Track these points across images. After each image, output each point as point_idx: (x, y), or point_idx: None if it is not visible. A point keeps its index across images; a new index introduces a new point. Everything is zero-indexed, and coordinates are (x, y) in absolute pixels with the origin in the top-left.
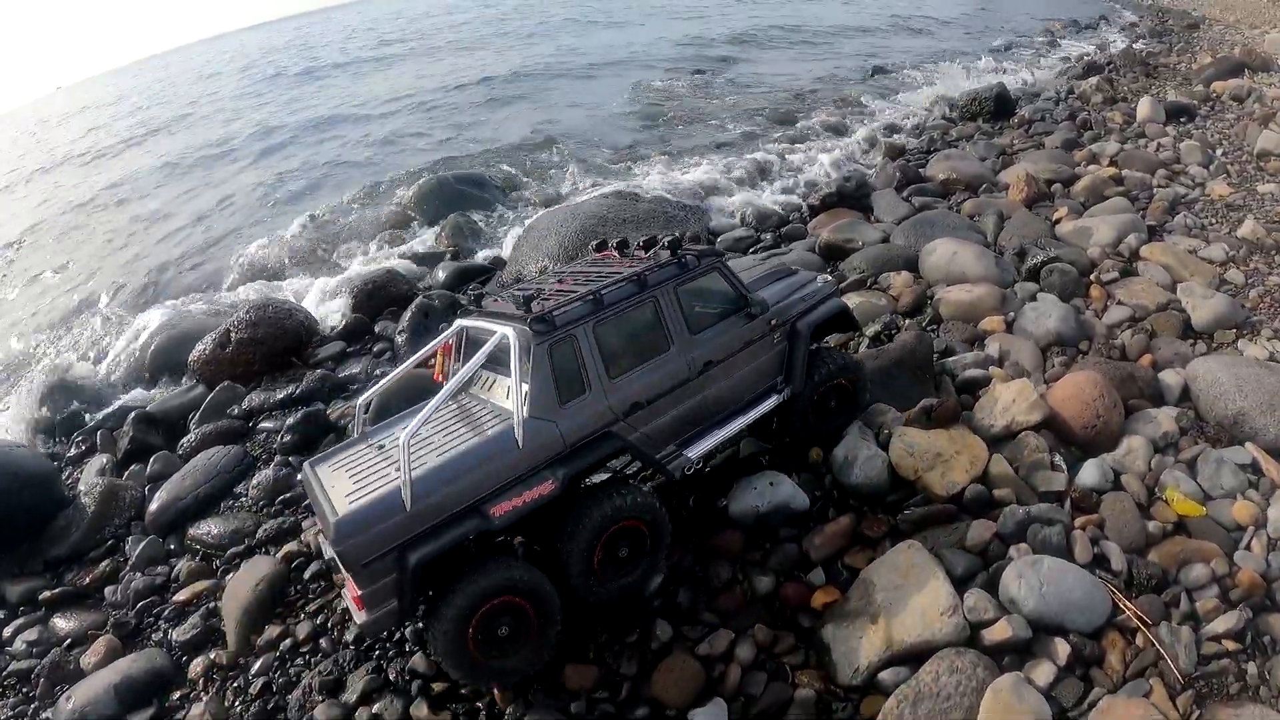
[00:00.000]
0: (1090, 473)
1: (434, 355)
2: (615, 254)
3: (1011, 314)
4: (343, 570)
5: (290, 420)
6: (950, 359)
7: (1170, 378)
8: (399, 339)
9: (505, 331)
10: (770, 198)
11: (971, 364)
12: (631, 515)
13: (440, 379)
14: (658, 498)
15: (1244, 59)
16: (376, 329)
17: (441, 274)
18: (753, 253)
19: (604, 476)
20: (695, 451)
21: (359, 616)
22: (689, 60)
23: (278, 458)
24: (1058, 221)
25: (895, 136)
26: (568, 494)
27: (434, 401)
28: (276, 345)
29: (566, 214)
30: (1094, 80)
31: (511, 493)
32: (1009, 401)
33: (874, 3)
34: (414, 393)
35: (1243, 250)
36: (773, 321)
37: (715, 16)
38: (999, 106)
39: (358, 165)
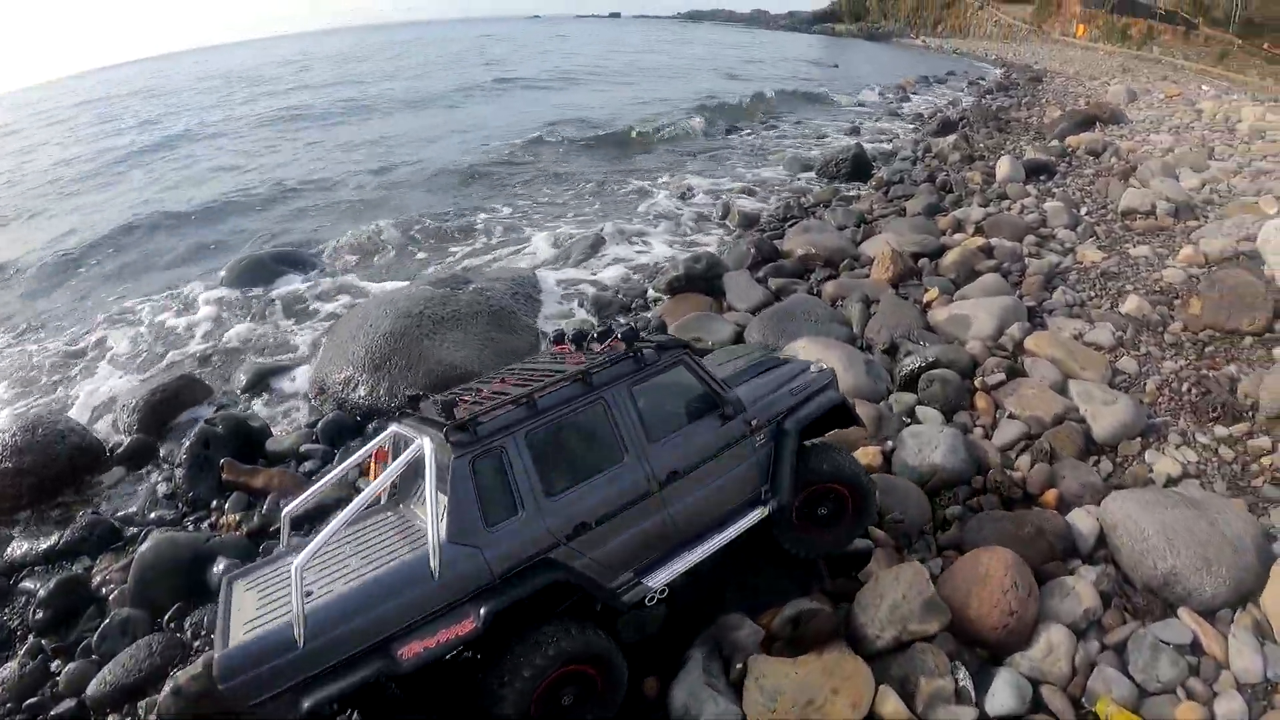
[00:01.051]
0: (1003, 696)
1: (369, 463)
2: (571, 348)
3: (890, 442)
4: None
5: (42, 590)
6: None
7: (1083, 522)
8: (178, 474)
9: (421, 441)
10: (612, 274)
11: None
12: (578, 659)
13: (371, 478)
14: (609, 638)
15: (1094, 112)
16: (163, 451)
17: (244, 377)
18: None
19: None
20: (657, 580)
21: None
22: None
23: (31, 640)
24: (929, 306)
25: (748, 202)
26: (498, 630)
27: (334, 524)
28: (46, 474)
29: (377, 311)
30: (950, 139)
31: (424, 631)
32: (898, 599)
33: (724, 65)
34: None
35: (1129, 329)
36: (753, 422)
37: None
38: (856, 168)
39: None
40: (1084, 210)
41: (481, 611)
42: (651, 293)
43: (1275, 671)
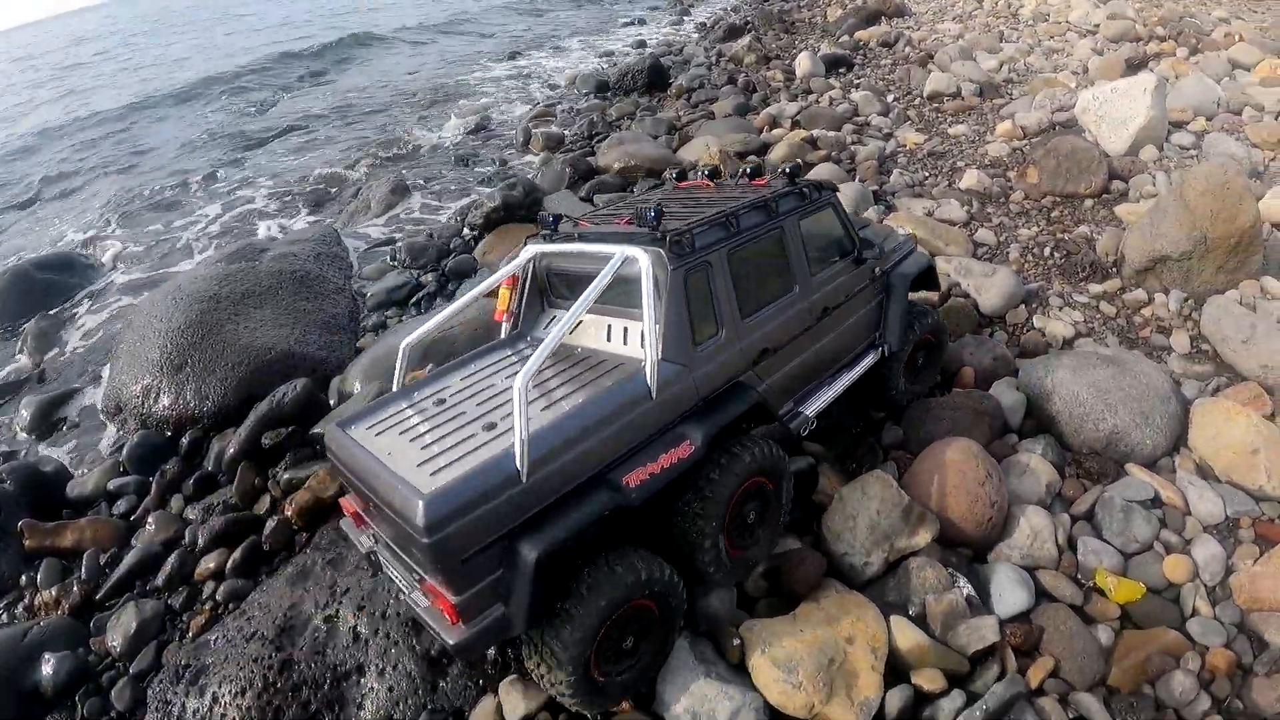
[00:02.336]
0: (1011, 594)
1: (500, 288)
2: (708, 184)
3: None
4: (427, 569)
5: None
6: None
7: (1008, 396)
8: None
9: (632, 253)
10: (421, 218)
11: None
12: (763, 471)
13: (502, 317)
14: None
15: (879, 6)
16: None
17: (25, 415)
18: (414, 303)
19: None
20: (811, 409)
21: (450, 634)
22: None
23: None
24: None
25: (549, 126)
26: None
27: (551, 339)
28: None
29: (166, 302)
30: (743, 41)
31: (644, 456)
32: (873, 516)
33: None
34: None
35: (974, 204)
36: (876, 270)
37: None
38: (653, 78)
39: None
40: (891, 98)
41: (699, 433)
42: (468, 232)
43: (1234, 509)
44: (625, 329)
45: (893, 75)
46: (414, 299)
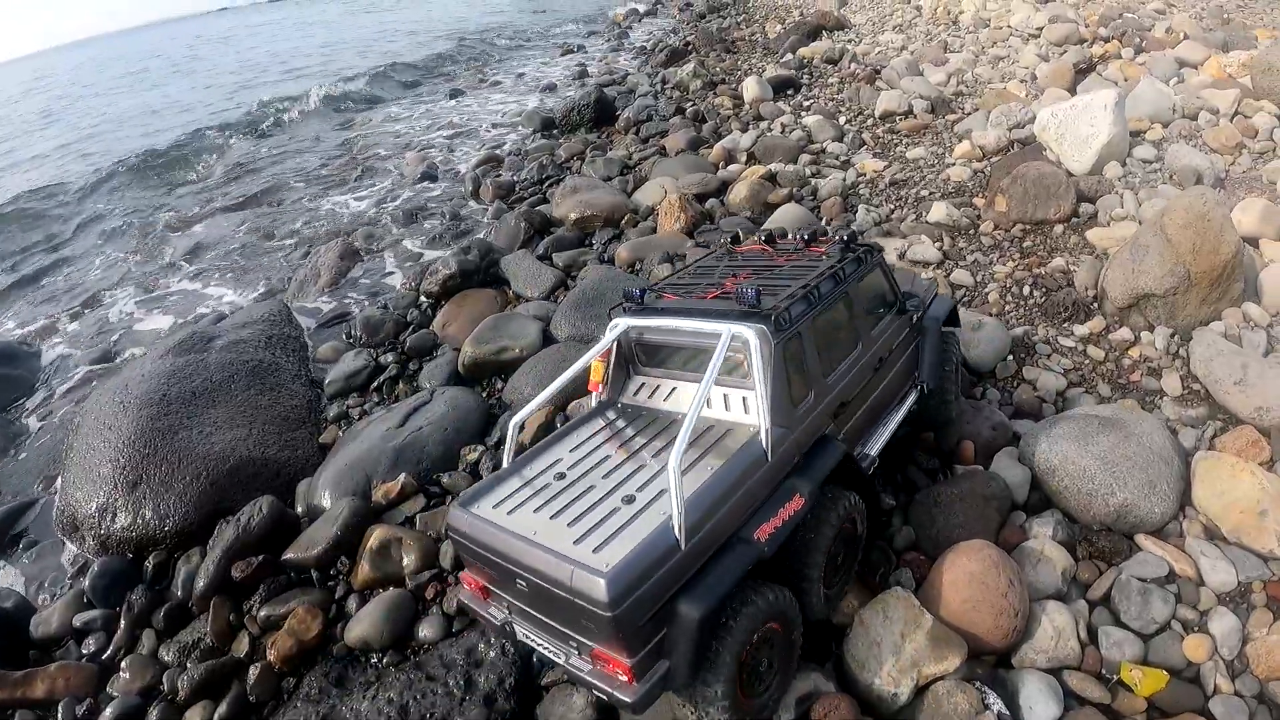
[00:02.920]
0: (1042, 705)
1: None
2: (767, 248)
3: None
4: (604, 639)
5: None
6: None
7: (1012, 472)
8: None
9: (738, 331)
10: (375, 287)
11: None
12: (850, 517)
13: (598, 388)
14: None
15: (818, 21)
16: None
17: None
18: (376, 388)
19: None
20: (874, 449)
21: (625, 693)
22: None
23: None
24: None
25: (498, 172)
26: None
27: (691, 415)
28: None
29: (112, 408)
30: (687, 67)
31: (766, 513)
32: (897, 640)
33: (429, 26)
34: None
35: (945, 239)
36: (914, 318)
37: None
38: (600, 112)
39: None
40: (844, 120)
41: (806, 487)
42: (425, 300)
43: (1245, 574)
44: (725, 396)
45: (841, 95)
46: (375, 383)
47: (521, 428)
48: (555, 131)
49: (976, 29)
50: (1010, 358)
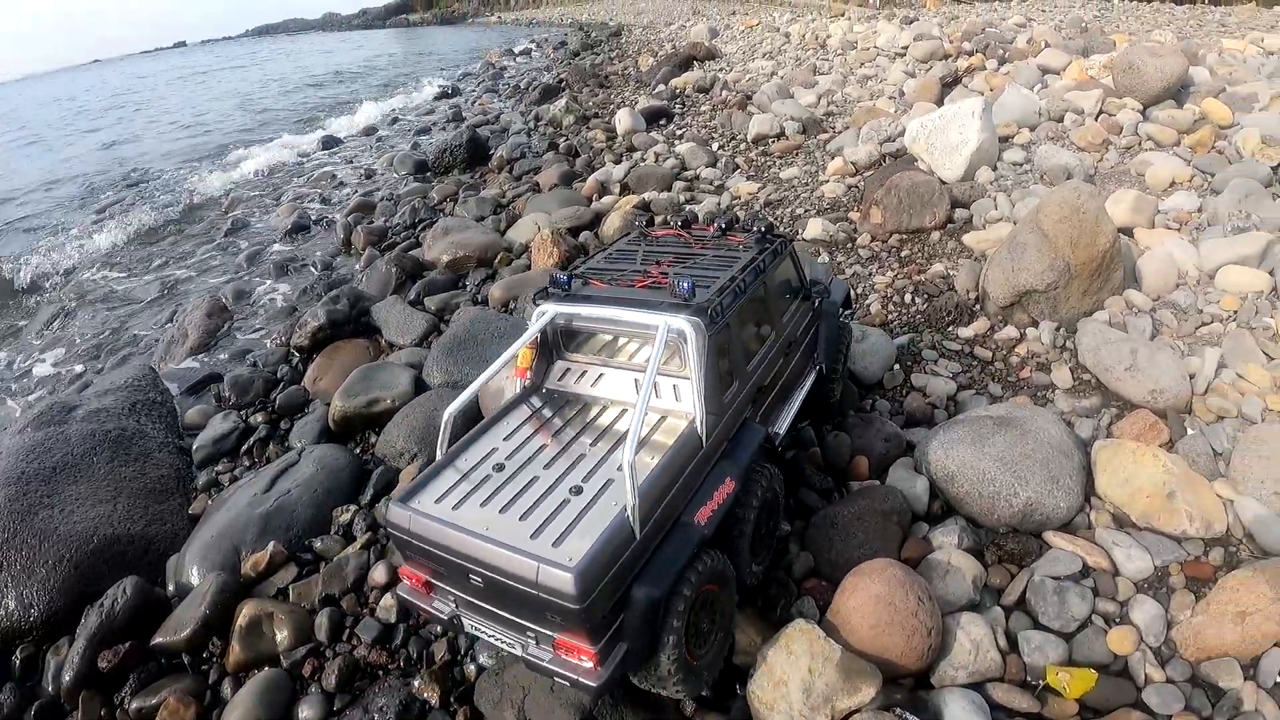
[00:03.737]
0: None
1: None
2: (683, 234)
3: None
4: (569, 628)
5: None
6: None
7: (908, 483)
8: None
9: (675, 323)
10: (241, 343)
11: None
12: (771, 489)
13: (525, 375)
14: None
15: (690, 52)
16: None
17: None
18: (246, 451)
19: None
20: (782, 427)
21: (590, 678)
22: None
23: None
24: None
25: (370, 219)
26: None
27: (640, 409)
28: None
29: None
30: (560, 103)
31: (703, 497)
32: (805, 676)
33: (304, 76)
34: None
35: (823, 255)
36: (816, 303)
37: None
38: (473, 152)
39: None
40: (716, 146)
41: (735, 471)
42: (295, 355)
43: (1161, 558)
44: (655, 384)
45: (714, 121)
46: (245, 446)
47: (454, 420)
48: (429, 174)
49: (844, 51)
50: (897, 367)
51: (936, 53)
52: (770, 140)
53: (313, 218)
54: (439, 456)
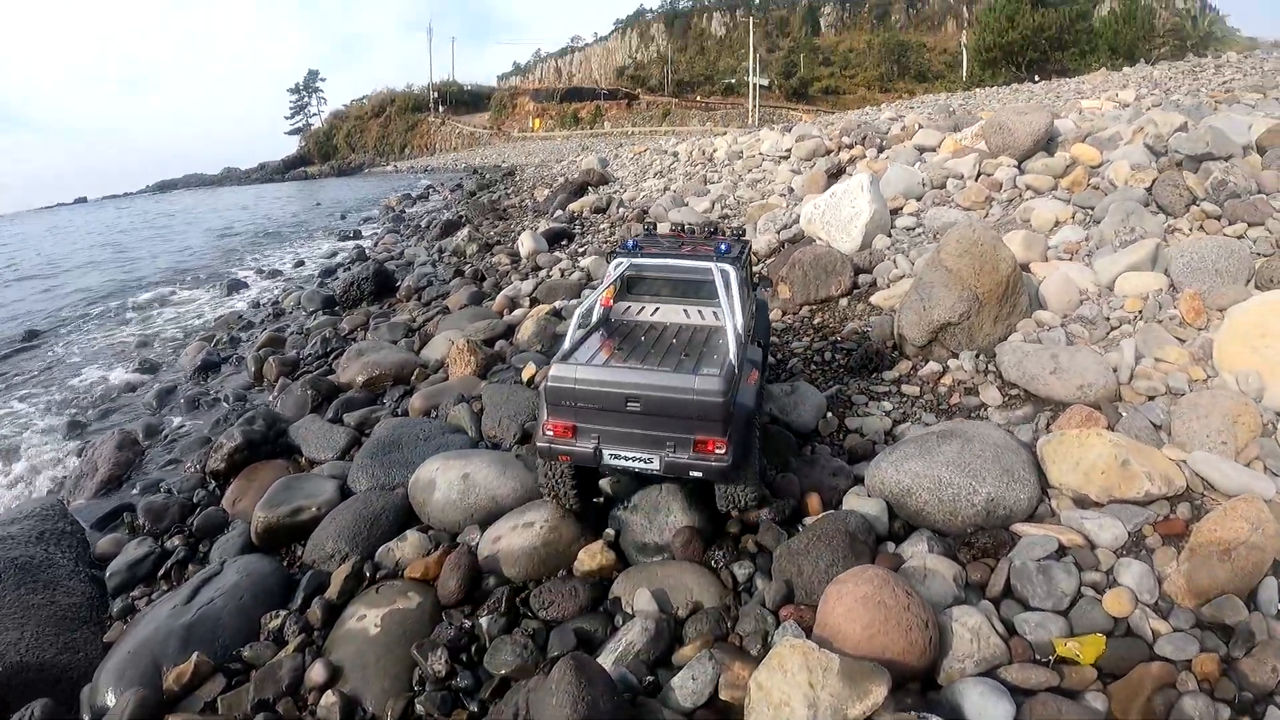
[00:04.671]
0: (994, 709)
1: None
2: (682, 234)
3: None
4: (708, 428)
5: None
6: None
7: (868, 506)
8: None
9: (721, 266)
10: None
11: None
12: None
13: (609, 303)
14: None
15: (584, 179)
16: None
17: None
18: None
19: None
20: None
21: (720, 461)
22: None
23: None
24: (530, 380)
25: (281, 351)
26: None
27: (726, 305)
28: None
29: None
30: (463, 233)
31: (745, 373)
32: (808, 691)
33: (211, 226)
34: None
35: None
36: (758, 292)
37: None
38: (380, 284)
39: None
40: None
41: (759, 358)
42: (212, 480)
43: (1132, 523)
44: (700, 310)
45: (614, 236)
46: (163, 570)
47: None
48: (337, 308)
49: (731, 161)
50: (830, 414)
51: (819, 150)
52: None
53: (222, 355)
54: (565, 346)
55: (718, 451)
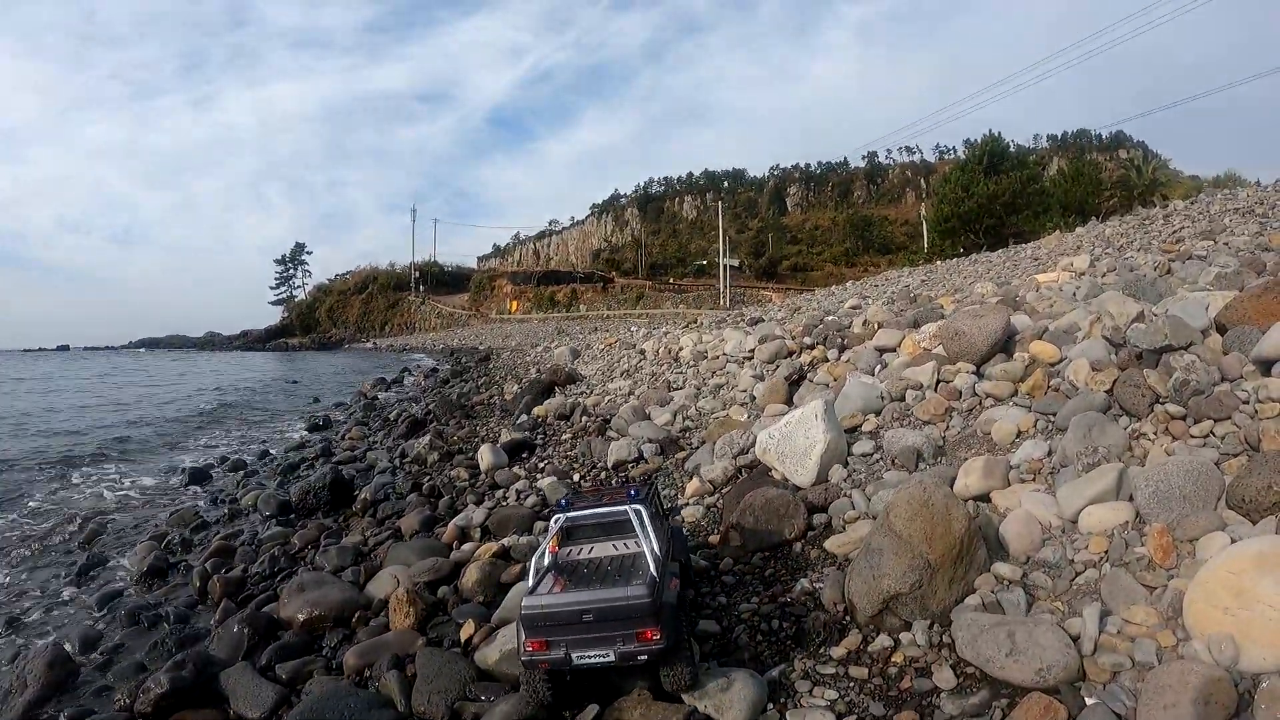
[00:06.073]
0: None
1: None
2: (601, 487)
3: None
4: (645, 622)
5: None
6: None
7: None
8: None
9: (635, 507)
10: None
11: None
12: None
13: (555, 550)
14: None
15: (551, 378)
16: None
17: None
18: None
19: None
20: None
21: (659, 644)
22: None
23: None
24: (474, 647)
25: (230, 565)
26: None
27: (643, 536)
28: None
29: None
30: (425, 439)
31: (668, 579)
32: None
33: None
34: None
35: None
36: (669, 518)
37: None
38: (336, 494)
39: None
40: (577, 476)
41: (677, 568)
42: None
43: None
44: (625, 543)
45: (574, 450)
46: None
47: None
48: (292, 515)
49: (696, 362)
50: (771, 707)
51: (780, 352)
52: (629, 465)
53: (171, 560)
54: (529, 585)
55: (655, 637)
